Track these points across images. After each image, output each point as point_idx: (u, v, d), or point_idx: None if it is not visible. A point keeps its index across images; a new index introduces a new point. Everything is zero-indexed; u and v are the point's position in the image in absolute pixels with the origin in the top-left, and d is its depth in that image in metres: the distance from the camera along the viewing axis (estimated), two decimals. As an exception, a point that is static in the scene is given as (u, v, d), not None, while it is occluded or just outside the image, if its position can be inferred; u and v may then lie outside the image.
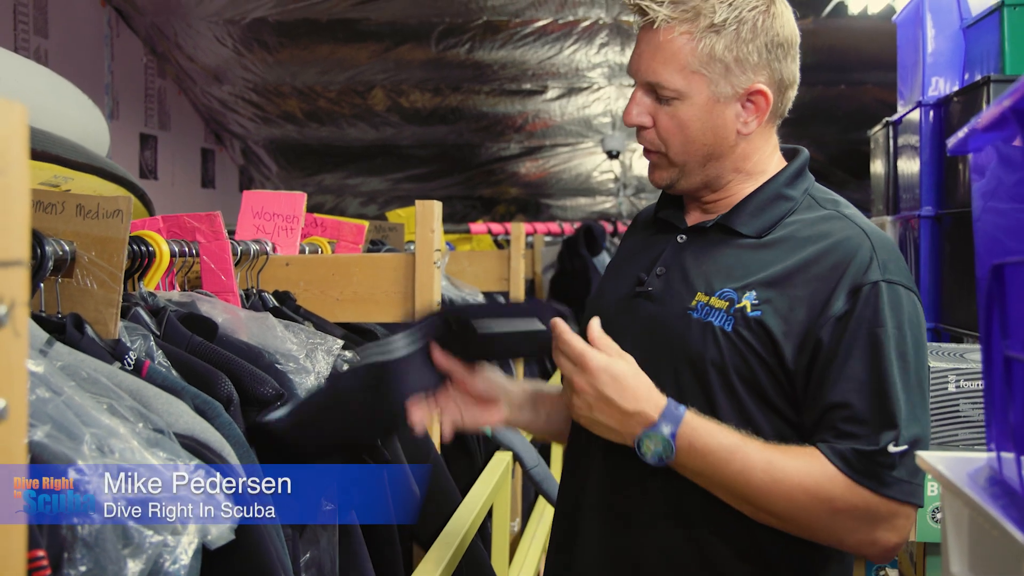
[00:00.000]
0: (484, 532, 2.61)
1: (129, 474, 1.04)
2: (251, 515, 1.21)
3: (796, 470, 1.51)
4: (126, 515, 1.01)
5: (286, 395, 1.65)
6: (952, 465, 1.09)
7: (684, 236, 1.71)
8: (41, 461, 0.97)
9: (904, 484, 1.50)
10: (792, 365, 1.56)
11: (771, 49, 1.64)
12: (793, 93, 1.72)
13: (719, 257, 1.65)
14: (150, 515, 1.03)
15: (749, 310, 1.58)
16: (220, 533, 1.10)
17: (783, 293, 1.58)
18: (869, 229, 1.62)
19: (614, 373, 1.53)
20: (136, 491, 1.03)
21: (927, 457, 1.12)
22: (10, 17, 5.07)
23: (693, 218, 1.74)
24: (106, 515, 1.00)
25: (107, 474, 1.02)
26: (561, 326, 1.55)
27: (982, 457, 1.10)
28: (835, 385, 1.53)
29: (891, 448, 1.49)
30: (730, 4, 1.61)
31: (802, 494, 1.51)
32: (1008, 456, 0.99)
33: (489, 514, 2.66)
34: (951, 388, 2.22)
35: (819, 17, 5.70)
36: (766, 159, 1.71)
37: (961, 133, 1.02)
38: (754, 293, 1.59)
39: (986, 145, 1.01)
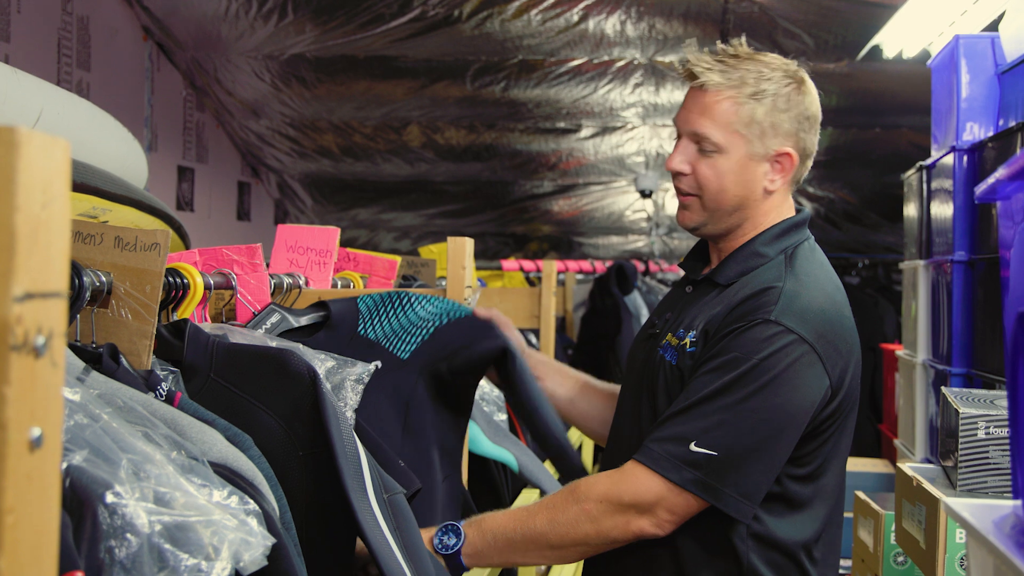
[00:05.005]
0: (511, 569, 2.60)
1: (165, 499, 1.06)
2: (280, 543, 1.22)
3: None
4: (162, 539, 1.03)
5: None
6: (978, 512, 1.09)
7: (691, 287, 2.02)
8: (80, 485, 0.99)
9: (683, 471, 1.73)
10: None
11: (800, 121, 1.91)
12: (810, 163, 2.00)
13: (696, 304, 1.94)
14: (186, 539, 1.04)
15: (688, 346, 1.87)
16: (253, 559, 1.11)
17: (709, 329, 1.85)
18: (793, 283, 1.84)
19: None
20: (172, 516, 1.05)
21: (953, 504, 1.12)
22: (54, 51, 5.17)
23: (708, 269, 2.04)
24: (143, 538, 1.01)
25: (144, 498, 1.04)
26: None
27: (1009, 505, 1.10)
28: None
29: (693, 447, 1.73)
30: (768, 78, 1.89)
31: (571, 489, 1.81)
32: (1033, 504, 0.99)
33: (515, 551, 2.65)
34: (980, 435, 2.20)
35: (854, 61, 5.70)
36: (780, 219, 1.97)
37: (989, 181, 1.03)
38: (693, 332, 1.88)
39: (1014, 193, 1.01)
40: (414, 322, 1.99)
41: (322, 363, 1.80)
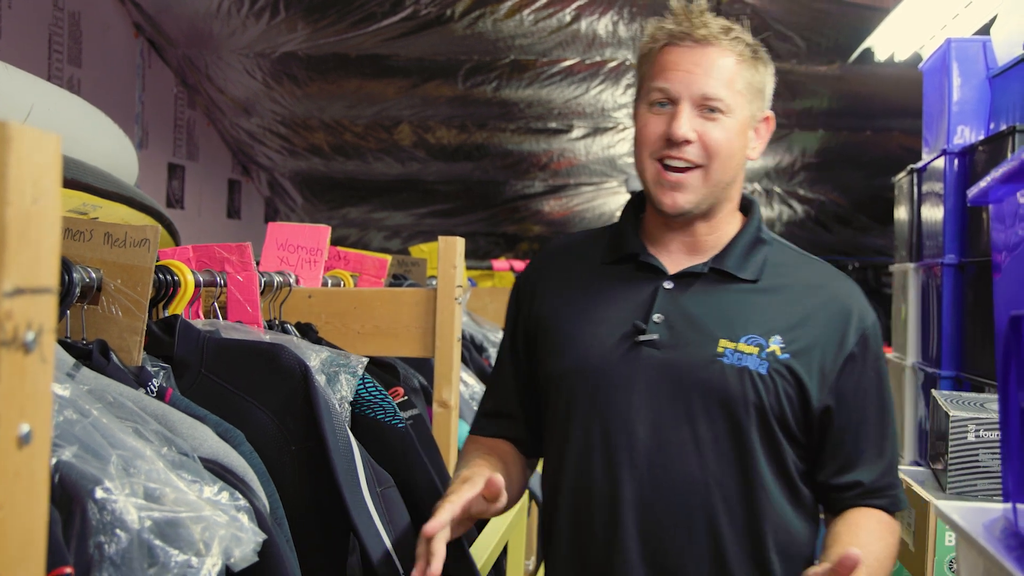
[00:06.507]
0: (499, 570, 2.60)
1: (155, 495, 1.05)
2: (271, 539, 1.22)
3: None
4: (152, 535, 1.02)
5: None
6: (968, 515, 1.09)
7: (671, 283, 1.73)
8: (69, 480, 0.98)
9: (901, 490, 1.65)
10: (815, 402, 1.67)
11: (771, 87, 1.78)
12: None
13: (726, 303, 1.71)
14: (176, 536, 1.04)
15: (779, 353, 1.66)
16: (244, 555, 1.10)
17: (802, 337, 1.67)
18: (844, 274, 1.80)
19: None
20: (162, 512, 1.04)
21: (943, 507, 1.12)
22: (45, 46, 5.15)
23: (675, 262, 1.76)
24: (133, 534, 1.01)
25: (133, 494, 1.03)
26: None
27: (999, 508, 1.10)
28: (860, 453, 1.68)
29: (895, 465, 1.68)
30: (749, 38, 1.74)
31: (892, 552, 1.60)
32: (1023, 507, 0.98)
33: (504, 551, 2.65)
34: (970, 438, 2.21)
35: (846, 63, 5.70)
36: (739, 196, 1.81)
37: (982, 184, 1.03)
38: (779, 338, 1.66)
39: (1006, 197, 1.01)
40: None
41: (316, 355, 1.79)
